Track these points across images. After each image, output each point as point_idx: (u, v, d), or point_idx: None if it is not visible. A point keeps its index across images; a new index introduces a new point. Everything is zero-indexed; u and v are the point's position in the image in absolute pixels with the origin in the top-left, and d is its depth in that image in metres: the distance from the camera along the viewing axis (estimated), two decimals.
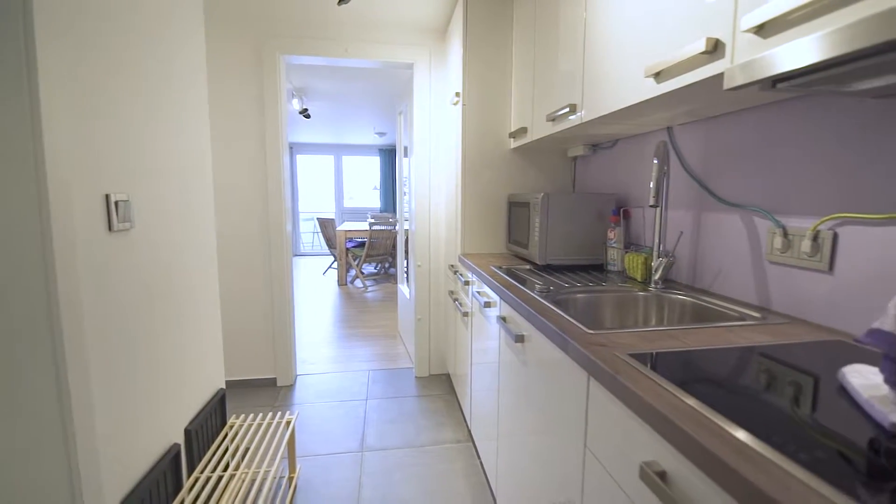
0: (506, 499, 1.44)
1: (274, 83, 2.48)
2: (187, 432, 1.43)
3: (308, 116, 5.01)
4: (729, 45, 0.80)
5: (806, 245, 0.99)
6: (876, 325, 0.59)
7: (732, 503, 0.49)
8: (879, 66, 0.64)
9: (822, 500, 0.42)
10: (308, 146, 8.27)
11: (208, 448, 1.57)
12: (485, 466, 1.80)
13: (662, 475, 0.60)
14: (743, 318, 1.05)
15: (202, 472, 1.44)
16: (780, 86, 0.75)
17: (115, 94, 1.08)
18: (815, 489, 0.43)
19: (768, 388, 0.66)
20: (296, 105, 4.56)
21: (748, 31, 0.74)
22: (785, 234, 1.05)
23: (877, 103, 0.87)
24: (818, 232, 0.97)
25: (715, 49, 0.82)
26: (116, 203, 1.06)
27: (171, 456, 1.31)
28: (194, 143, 1.52)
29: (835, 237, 0.95)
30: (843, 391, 0.64)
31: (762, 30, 0.73)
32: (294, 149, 8.20)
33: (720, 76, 0.84)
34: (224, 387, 1.75)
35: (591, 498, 0.83)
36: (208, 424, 1.58)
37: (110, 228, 1.05)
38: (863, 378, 0.63)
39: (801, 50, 0.64)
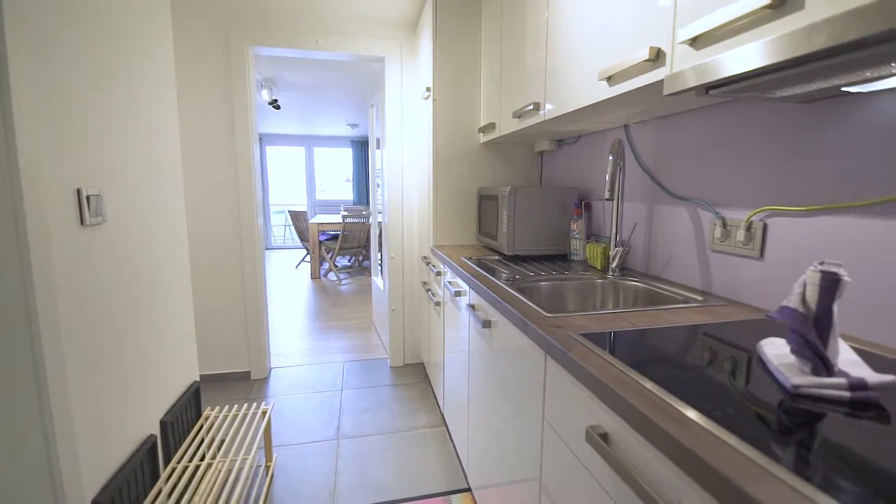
0: (476, 476, 1.53)
1: (243, 75, 2.46)
2: (163, 424, 1.45)
3: (278, 107, 4.95)
4: (669, 54, 0.88)
5: (741, 235, 1.10)
6: (784, 302, 0.69)
7: (658, 454, 0.58)
8: (792, 77, 0.73)
9: (725, 447, 0.51)
10: (278, 137, 8.13)
11: (184, 439, 1.59)
12: (457, 448, 1.88)
13: (605, 436, 0.68)
14: (687, 301, 1.15)
15: (178, 462, 1.46)
16: (712, 92, 0.84)
17: (84, 88, 1.08)
18: (720, 437, 0.52)
19: (698, 359, 0.75)
20: (265, 96, 4.49)
21: (683, 42, 0.83)
22: (724, 225, 1.16)
23: (800, 107, 0.98)
24: (751, 223, 1.08)
25: (657, 57, 0.91)
26: (88, 197, 1.07)
27: (148, 447, 1.33)
28: (163, 137, 1.52)
29: (765, 227, 1.06)
30: (760, 361, 0.74)
31: (696, 42, 0.82)
32: (263, 140, 8.04)
33: (661, 82, 0.92)
34: (198, 379, 1.77)
35: (548, 464, 0.91)
36: (184, 416, 1.60)
37: (82, 223, 1.06)
38: (775, 349, 0.73)
39: (729, 62, 0.72)
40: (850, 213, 0.88)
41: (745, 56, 0.69)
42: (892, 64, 0.67)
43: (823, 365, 0.64)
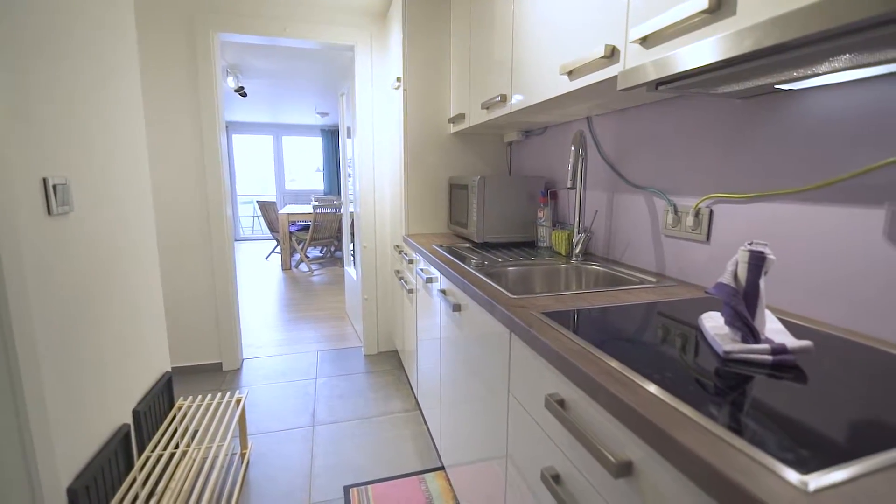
0: (449, 454, 1.60)
1: (208, 62, 2.41)
2: (136, 413, 1.45)
3: (244, 95, 4.84)
4: (622, 52, 0.95)
5: (690, 220, 1.19)
6: (719, 279, 0.77)
7: (605, 414, 0.65)
8: (730, 75, 0.81)
9: (662, 404, 0.58)
10: (245, 125, 7.92)
11: (157, 429, 1.59)
12: (431, 430, 1.95)
13: (561, 402, 0.75)
14: (642, 282, 1.24)
15: (153, 450, 1.47)
16: (661, 88, 0.91)
17: (47, 77, 1.07)
18: (657, 396, 0.59)
19: (645, 331, 0.83)
20: (231, 83, 4.38)
21: (635, 41, 0.89)
22: (675, 212, 1.25)
23: (741, 103, 1.06)
24: (699, 209, 1.17)
25: (612, 54, 0.97)
26: (55, 186, 1.06)
27: (121, 436, 1.34)
28: (129, 126, 1.50)
29: (711, 213, 1.15)
30: (700, 332, 0.83)
31: (646, 41, 0.88)
32: (230, 128, 7.82)
33: (616, 78, 0.99)
34: (170, 370, 1.76)
35: (513, 432, 0.98)
36: (156, 406, 1.60)
37: (49, 212, 1.05)
38: (712, 321, 0.82)
39: (674, 60, 0.79)
40: (783, 200, 0.97)
41: (688, 55, 0.76)
42: (813, 66, 0.75)
43: (751, 333, 0.72)
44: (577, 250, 1.52)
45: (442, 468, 1.79)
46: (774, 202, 0.99)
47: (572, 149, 1.35)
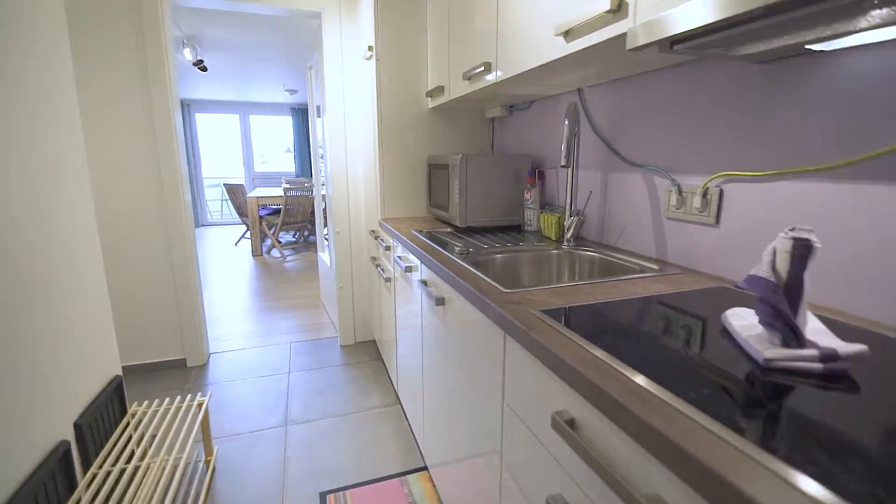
0: (432, 454, 1.49)
1: (157, 32, 2.15)
2: (77, 427, 1.28)
3: (204, 69, 4.50)
4: (632, 4, 0.81)
5: (697, 201, 1.08)
6: (752, 271, 0.65)
7: (633, 444, 0.53)
8: (760, 30, 0.68)
9: (705, 432, 0.46)
10: (208, 104, 7.48)
11: (106, 441, 1.43)
12: (413, 427, 1.83)
13: (572, 423, 0.63)
14: (643, 270, 1.13)
15: (100, 466, 1.31)
16: (677, 48, 0.78)
17: None
18: (699, 422, 0.47)
19: (663, 333, 0.71)
20: (188, 56, 4.06)
21: None
22: (680, 192, 1.13)
23: (759, 68, 0.94)
24: (707, 189, 1.06)
25: (619, 8, 0.83)
26: None
27: (59, 455, 1.17)
28: (55, 99, 1.28)
29: (721, 193, 1.04)
30: (726, 332, 0.72)
31: None
32: (192, 107, 7.37)
33: (623, 37, 0.85)
34: (120, 373, 1.58)
35: (510, 448, 0.86)
36: (104, 415, 1.43)
37: None
38: (742, 320, 0.70)
39: (696, 12, 0.66)
40: (808, 178, 0.86)
41: (717, 5, 0.62)
42: (856, 19, 0.63)
43: (794, 335, 0.61)
44: (570, 235, 1.40)
45: (425, 468, 1.68)
46: (798, 181, 0.88)
47: (566, 123, 1.21)
